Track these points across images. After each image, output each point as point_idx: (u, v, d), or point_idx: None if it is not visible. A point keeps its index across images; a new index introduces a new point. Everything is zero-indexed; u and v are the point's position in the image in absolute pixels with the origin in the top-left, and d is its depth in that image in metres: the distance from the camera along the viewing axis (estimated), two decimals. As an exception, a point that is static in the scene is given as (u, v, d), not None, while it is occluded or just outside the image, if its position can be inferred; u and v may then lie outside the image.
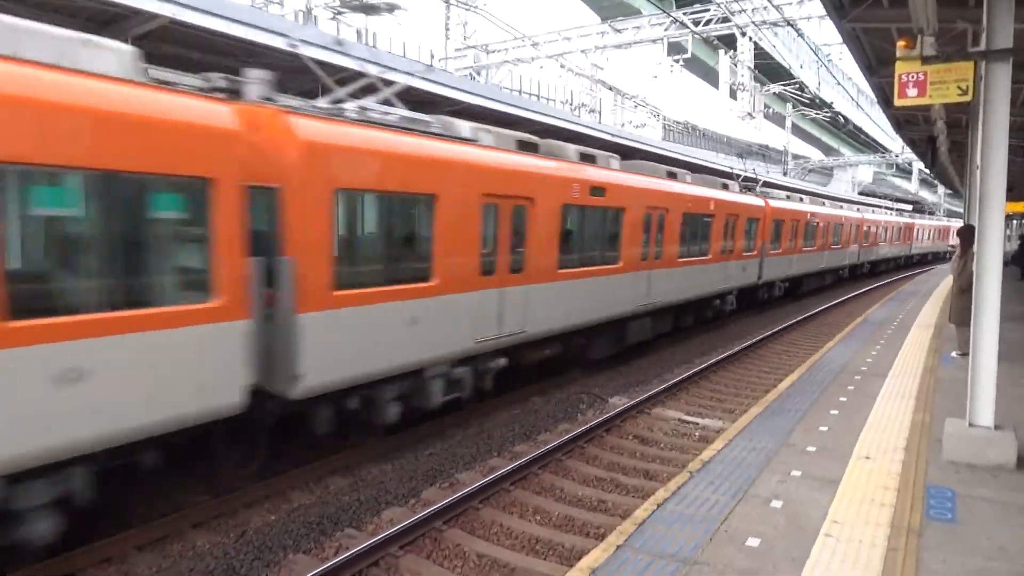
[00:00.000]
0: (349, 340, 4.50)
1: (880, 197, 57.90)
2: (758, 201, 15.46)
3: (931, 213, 67.85)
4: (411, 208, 4.67)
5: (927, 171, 27.45)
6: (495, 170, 5.52)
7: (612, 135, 16.91)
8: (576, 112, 29.29)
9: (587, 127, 16.36)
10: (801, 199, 19.95)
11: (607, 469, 7.17)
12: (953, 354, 9.08)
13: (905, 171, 64.38)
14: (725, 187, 13.81)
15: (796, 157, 56.05)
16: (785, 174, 46.31)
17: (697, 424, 8.64)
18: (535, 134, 11.74)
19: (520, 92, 15.24)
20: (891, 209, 41.08)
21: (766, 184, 22.37)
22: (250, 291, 3.92)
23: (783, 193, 19.08)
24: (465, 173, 5.10)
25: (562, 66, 25.38)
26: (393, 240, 4.69)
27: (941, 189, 64.56)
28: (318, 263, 4.20)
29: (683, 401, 9.81)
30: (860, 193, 57.23)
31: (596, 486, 6.65)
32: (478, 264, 5.52)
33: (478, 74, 22.21)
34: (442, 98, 11.75)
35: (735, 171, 20.55)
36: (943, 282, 20.81)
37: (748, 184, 18.52)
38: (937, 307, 15.26)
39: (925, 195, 71.81)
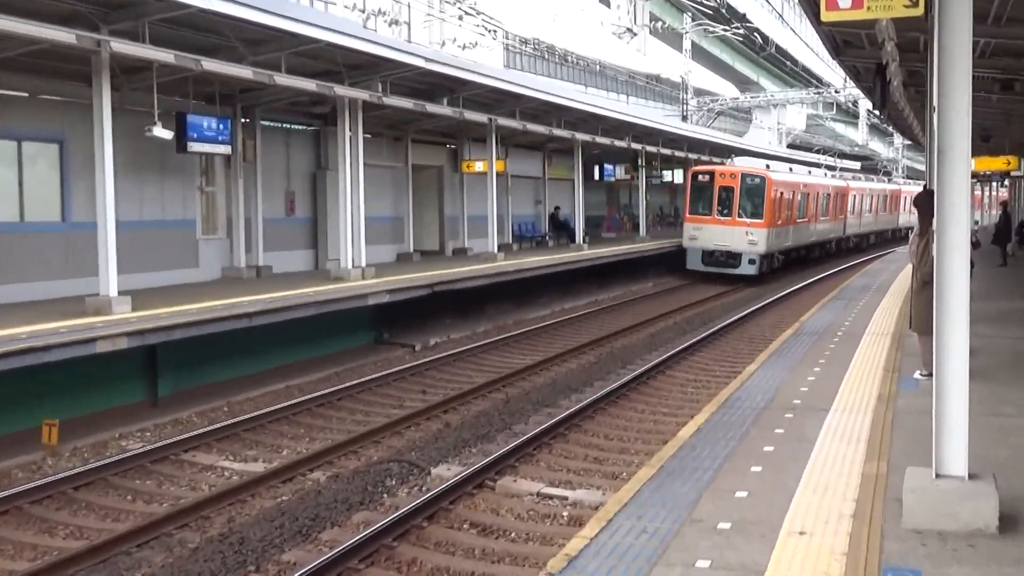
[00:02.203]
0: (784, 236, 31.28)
1: (816, 151, 64.04)
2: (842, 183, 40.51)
3: (886, 173, 76.11)
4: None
5: (877, 114, 30.41)
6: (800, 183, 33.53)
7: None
8: (370, 25, 29.55)
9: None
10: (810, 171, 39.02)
11: (428, 580, 7.27)
12: (917, 375, 10.15)
13: (850, 115, 71.74)
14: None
15: (701, 93, 60.37)
16: (685, 118, 49.78)
17: (564, 499, 8.98)
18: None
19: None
20: (819, 168, 45.62)
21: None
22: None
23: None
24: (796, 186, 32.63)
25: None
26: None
27: (899, 140, 72.58)
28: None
29: (544, 465, 10.16)
30: (790, 147, 62.87)
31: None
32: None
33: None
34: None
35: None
36: (904, 271, 23.29)
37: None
38: (896, 307, 17.08)
39: (877, 148, 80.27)
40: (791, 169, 36.15)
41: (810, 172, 39.61)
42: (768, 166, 32.35)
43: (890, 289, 20.53)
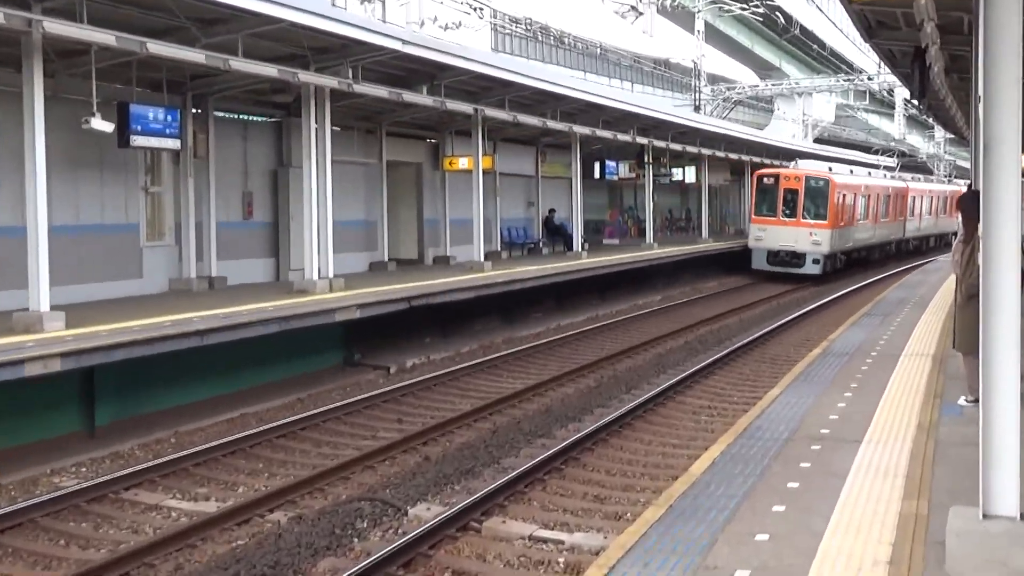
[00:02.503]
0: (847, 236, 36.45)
1: (846, 146, 64.32)
2: (901, 184, 45.04)
3: (928, 172, 76.44)
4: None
5: (915, 104, 30.64)
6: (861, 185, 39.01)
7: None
8: (339, 3, 29.61)
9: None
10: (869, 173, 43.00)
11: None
12: (961, 400, 10.18)
13: (885, 105, 72.10)
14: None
15: (715, 80, 60.68)
16: (697, 108, 50.01)
17: (560, 543, 8.95)
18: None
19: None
20: (877, 169, 48.03)
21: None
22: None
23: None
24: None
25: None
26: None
27: (940, 133, 72.92)
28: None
29: (536, 504, 10.13)
30: (817, 140, 63.19)
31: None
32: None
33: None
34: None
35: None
36: (947, 282, 23.38)
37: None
38: (938, 324, 17.15)
39: (916, 142, 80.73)
40: (852, 171, 41.38)
41: (869, 173, 43.67)
42: (831, 168, 37.62)
43: (931, 303, 20.63)
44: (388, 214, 24.89)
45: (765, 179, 36.17)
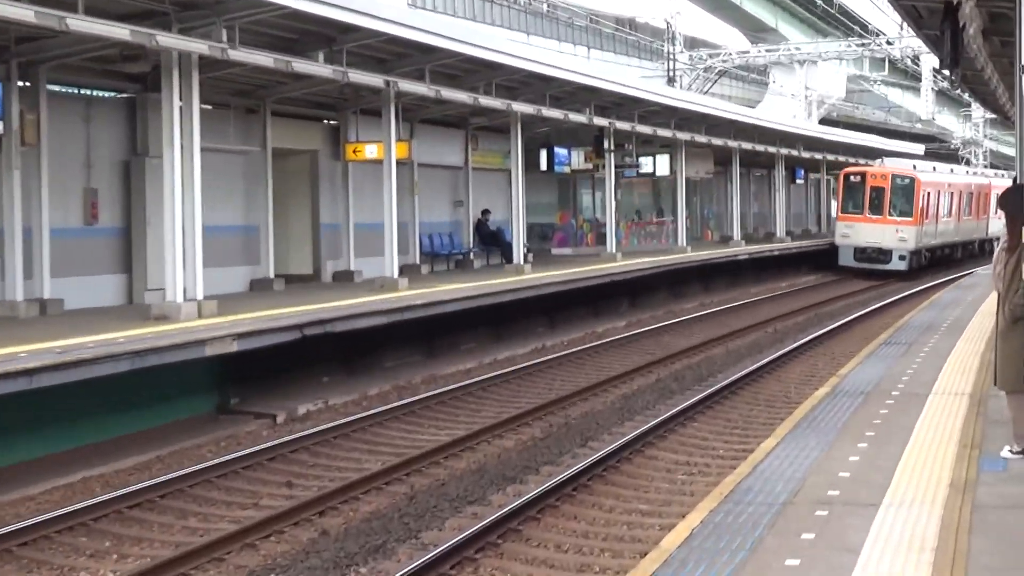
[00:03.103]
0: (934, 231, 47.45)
1: (859, 129, 65.17)
2: (984, 180, 56.84)
3: (966, 162, 77.45)
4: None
5: (946, 75, 31.11)
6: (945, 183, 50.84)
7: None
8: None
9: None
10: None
11: None
12: (1005, 451, 10.31)
13: (909, 76, 73.09)
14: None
15: (695, 45, 61.22)
16: (671, 80, 50.49)
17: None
18: None
19: None
20: (959, 165, 54.90)
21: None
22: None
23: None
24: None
25: None
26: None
27: (979, 112, 73.88)
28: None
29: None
30: (824, 122, 63.94)
31: None
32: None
33: None
34: None
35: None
36: (987, 301, 23.75)
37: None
38: (976, 354, 17.40)
39: (948, 123, 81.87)
40: (934, 168, 50.73)
41: (952, 171, 54.41)
42: (915, 167, 47.49)
43: (967, 328, 20.94)
44: (275, 217, 24.79)
45: (852, 177, 45.55)
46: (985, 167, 75.71)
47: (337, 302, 20.74)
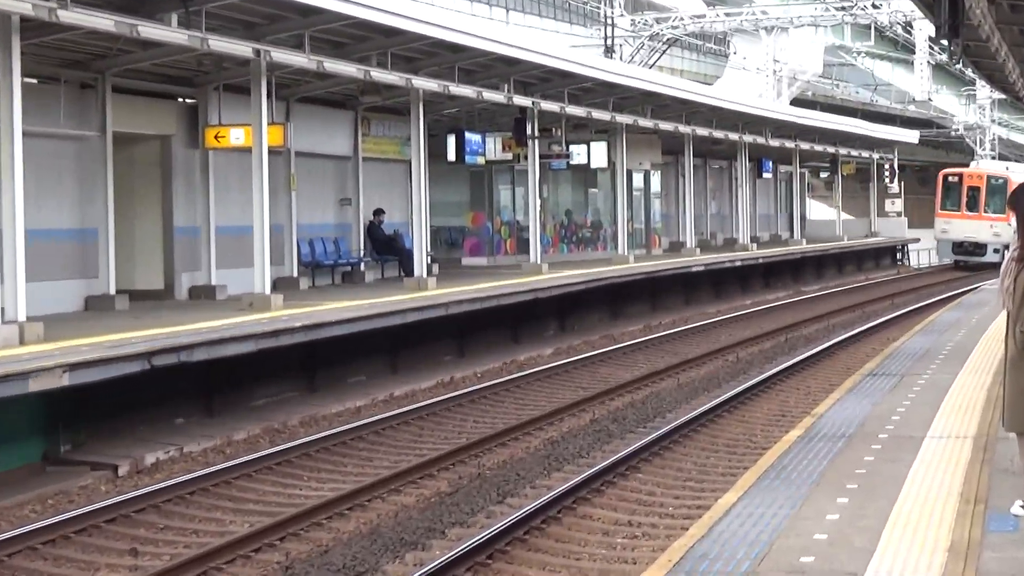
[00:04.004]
0: None
1: (840, 112, 65.74)
2: None
3: (960, 151, 77.60)
4: None
5: (945, 47, 31.37)
6: None
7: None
8: None
9: None
10: None
11: None
12: (1016, 508, 10.37)
13: (899, 47, 73.89)
14: None
15: (639, 7, 61.36)
16: (610, 51, 50.62)
17: None
18: None
19: None
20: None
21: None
22: None
23: None
24: None
25: None
26: None
27: (985, 92, 74.65)
28: None
29: None
30: (798, 102, 64.36)
31: None
32: None
33: None
34: None
35: None
36: (995, 323, 24.04)
37: None
38: (981, 388, 17.60)
39: (948, 105, 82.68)
40: None
41: None
42: (1007, 168, 64.71)
43: (970, 356, 21.14)
44: (117, 220, 24.61)
45: (950, 178, 62.03)
46: (992, 157, 76.89)
47: (194, 324, 20.64)
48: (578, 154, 39.55)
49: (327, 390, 23.33)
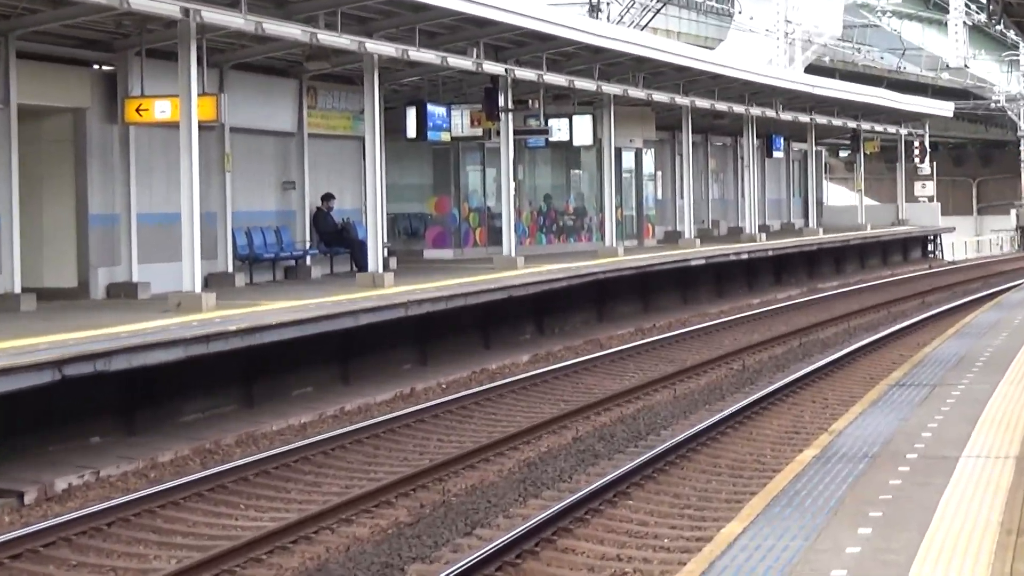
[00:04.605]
0: None
1: (863, 80, 65.86)
2: None
3: (1002, 125, 77.43)
4: None
5: (983, 6, 31.59)
6: None
7: None
8: None
9: None
10: None
11: None
12: (1062, 538, 10.50)
13: (932, 5, 74.05)
14: None
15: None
16: (595, 9, 50.67)
17: None
18: None
19: None
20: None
21: None
22: None
23: None
24: None
25: None
26: None
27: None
28: None
29: None
30: (813, 69, 64.45)
31: None
32: None
33: None
34: None
35: None
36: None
37: None
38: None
39: (987, 73, 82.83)
40: None
41: None
42: None
43: (1013, 363, 21.23)
44: (22, 206, 24.58)
45: None
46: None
47: (113, 328, 20.63)
48: (559, 130, 39.60)
49: (267, 404, 23.33)
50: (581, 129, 40.19)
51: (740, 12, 63.73)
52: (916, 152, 67.26)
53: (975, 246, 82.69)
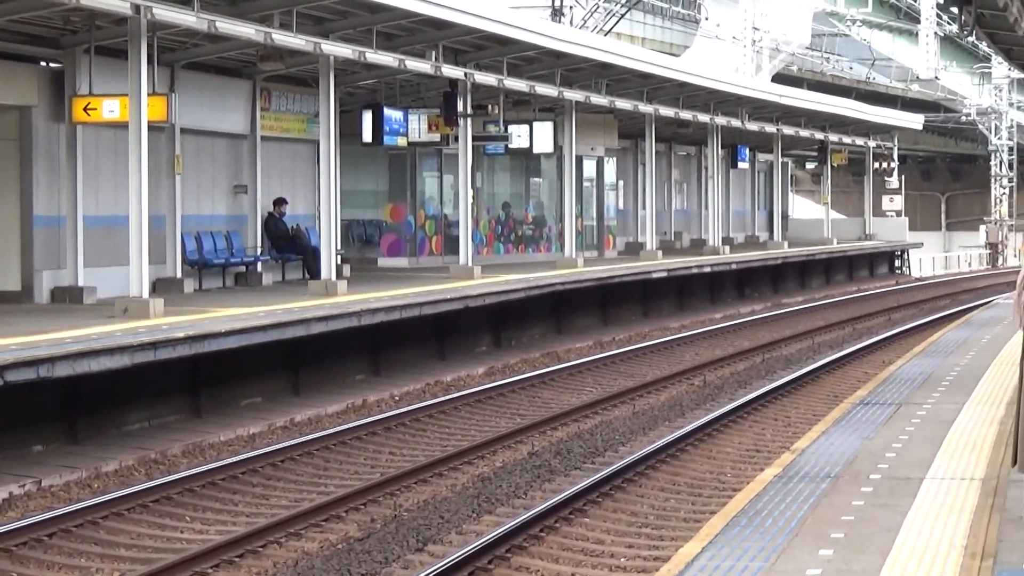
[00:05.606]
0: None
1: (831, 91, 66.11)
2: None
3: (971, 139, 77.86)
4: None
5: (955, 16, 31.64)
6: None
7: None
8: None
9: None
10: None
11: None
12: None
13: (903, 15, 74.33)
14: None
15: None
16: (558, 12, 50.68)
17: None
18: None
19: None
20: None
21: None
22: None
23: None
24: None
25: None
26: None
27: (1003, 71, 75.07)
28: None
29: None
30: (780, 78, 64.62)
31: None
32: None
33: None
34: None
35: None
36: (1010, 344, 24.07)
37: None
38: (991, 422, 17.69)
39: (958, 85, 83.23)
40: None
41: None
42: None
43: (979, 383, 21.29)
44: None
45: None
46: (1010, 147, 77.57)
47: (57, 333, 20.59)
48: (519, 136, 39.63)
49: (215, 414, 23.29)
50: (542, 136, 40.24)
51: (707, 19, 63.86)
52: (885, 165, 67.32)
53: (943, 262, 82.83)
